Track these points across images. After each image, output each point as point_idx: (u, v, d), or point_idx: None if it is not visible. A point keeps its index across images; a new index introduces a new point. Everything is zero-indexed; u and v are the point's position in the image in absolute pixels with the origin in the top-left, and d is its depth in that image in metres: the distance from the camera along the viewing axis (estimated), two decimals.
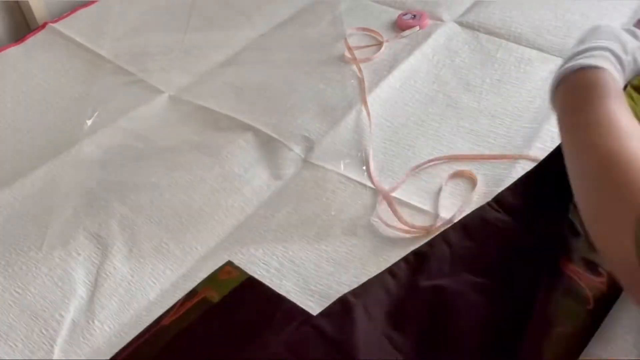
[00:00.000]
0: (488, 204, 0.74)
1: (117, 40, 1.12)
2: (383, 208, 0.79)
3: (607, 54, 0.56)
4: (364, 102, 0.94)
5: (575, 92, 0.55)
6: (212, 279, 0.72)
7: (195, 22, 1.16)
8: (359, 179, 0.83)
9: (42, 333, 0.68)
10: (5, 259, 0.76)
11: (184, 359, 0.65)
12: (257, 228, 0.78)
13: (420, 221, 0.76)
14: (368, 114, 0.92)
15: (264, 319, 0.67)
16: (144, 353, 0.65)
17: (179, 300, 0.70)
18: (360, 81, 0.99)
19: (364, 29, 1.11)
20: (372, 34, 1.10)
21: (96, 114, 0.96)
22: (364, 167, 0.85)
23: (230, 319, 0.68)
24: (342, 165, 0.85)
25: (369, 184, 0.82)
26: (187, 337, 0.67)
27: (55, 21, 1.17)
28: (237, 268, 0.73)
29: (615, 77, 0.55)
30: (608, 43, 0.57)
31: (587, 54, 0.56)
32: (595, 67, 0.55)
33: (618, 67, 0.56)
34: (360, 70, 1.01)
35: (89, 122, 0.94)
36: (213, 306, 0.69)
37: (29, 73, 1.06)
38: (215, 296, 0.70)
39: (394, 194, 0.80)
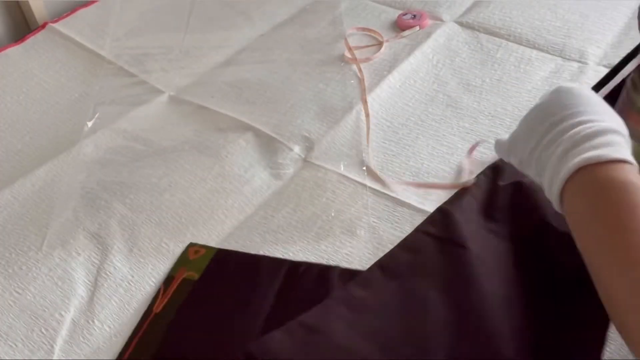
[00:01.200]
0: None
1: (117, 41, 1.12)
2: (383, 208, 0.79)
3: (620, 138, 0.50)
4: (364, 102, 0.94)
5: (609, 192, 0.46)
6: (183, 261, 0.73)
7: (195, 22, 1.17)
8: (359, 179, 0.83)
9: (42, 333, 0.68)
10: (5, 259, 0.76)
11: (191, 339, 0.66)
12: (257, 228, 0.78)
13: (419, 220, 0.76)
14: (367, 114, 0.92)
15: (250, 280, 0.70)
16: (147, 344, 0.66)
17: (159, 288, 0.71)
18: (360, 81, 0.99)
19: (363, 29, 1.11)
20: (372, 34, 1.10)
21: (97, 115, 0.96)
22: (364, 168, 0.85)
23: (218, 291, 0.70)
24: (342, 166, 0.85)
25: (369, 184, 0.82)
26: (186, 317, 0.68)
27: (55, 21, 1.17)
28: (203, 245, 0.75)
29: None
30: (611, 123, 0.51)
31: (599, 140, 0.49)
32: (622, 161, 0.48)
33: (628, 151, 0.50)
34: (360, 70, 1.01)
35: (90, 124, 0.95)
36: (197, 284, 0.71)
37: (29, 73, 1.06)
38: (194, 275, 0.71)
39: (393, 194, 0.80)
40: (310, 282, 0.70)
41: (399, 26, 1.11)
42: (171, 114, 0.97)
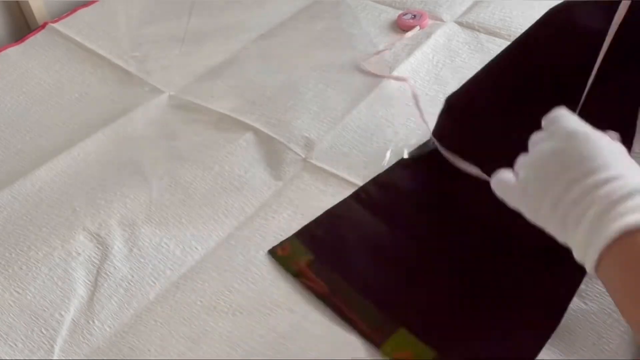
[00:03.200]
0: None
1: (117, 41, 1.12)
2: None
3: None
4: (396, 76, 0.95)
5: None
6: (285, 261, 0.73)
7: (195, 22, 1.17)
8: (359, 180, 0.83)
9: (42, 333, 0.68)
10: (5, 259, 0.76)
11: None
12: (258, 229, 0.78)
13: None
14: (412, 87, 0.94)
15: (350, 224, 0.76)
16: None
17: (301, 282, 0.71)
18: (361, 81, 0.99)
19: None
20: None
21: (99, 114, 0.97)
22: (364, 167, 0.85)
23: (343, 247, 0.74)
24: (342, 166, 0.85)
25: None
26: (342, 290, 0.70)
27: (55, 21, 1.17)
28: (279, 243, 0.75)
29: None
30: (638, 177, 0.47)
31: (635, 201, 0.45)
32: None
33: None
34: (361, 70, 1.01)
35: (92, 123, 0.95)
36: (318, 259, 0.73)
37: (29, 73, 1.06)
38: (307, 258, 0.73)
39: None
40: (372, 193, 0.80)
41: (399, 26, 1.11)
42: (171, 113, 0.98)
